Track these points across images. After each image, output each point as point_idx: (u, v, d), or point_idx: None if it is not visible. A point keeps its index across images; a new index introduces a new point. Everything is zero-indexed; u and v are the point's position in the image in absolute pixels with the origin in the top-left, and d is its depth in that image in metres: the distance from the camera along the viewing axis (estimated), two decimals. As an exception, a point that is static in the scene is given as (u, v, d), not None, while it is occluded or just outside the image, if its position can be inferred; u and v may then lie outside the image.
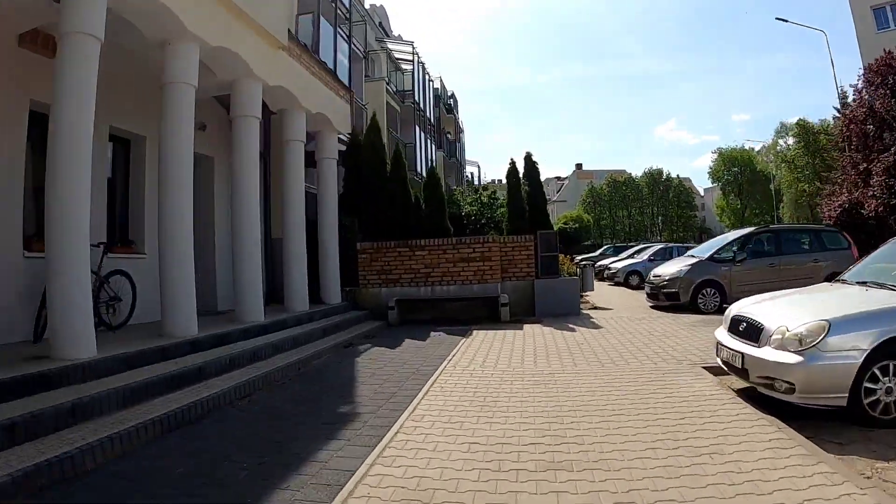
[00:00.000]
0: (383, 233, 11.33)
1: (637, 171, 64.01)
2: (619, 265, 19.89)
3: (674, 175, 61.84)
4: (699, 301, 10.79)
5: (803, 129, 39.30)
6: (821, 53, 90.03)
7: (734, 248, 11.32)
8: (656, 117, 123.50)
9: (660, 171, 61.76)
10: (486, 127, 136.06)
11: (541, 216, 12.31)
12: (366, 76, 21.23)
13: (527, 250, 10.90)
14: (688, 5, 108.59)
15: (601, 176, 63.16)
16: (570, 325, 9.04)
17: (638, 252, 21.67)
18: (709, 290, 10.82)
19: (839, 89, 32.25)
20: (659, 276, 11.65)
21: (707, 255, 11.42)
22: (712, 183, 60.37)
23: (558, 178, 72.68)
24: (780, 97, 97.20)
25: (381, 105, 20.39)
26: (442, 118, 33.72)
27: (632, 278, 18.91)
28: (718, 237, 14.26)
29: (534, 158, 12.81)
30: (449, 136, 35.47)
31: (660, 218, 60.68)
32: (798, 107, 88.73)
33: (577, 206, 55.96)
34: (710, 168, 58.86)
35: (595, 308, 11.73)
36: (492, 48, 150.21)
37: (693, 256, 11.97)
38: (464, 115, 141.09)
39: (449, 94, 37.52)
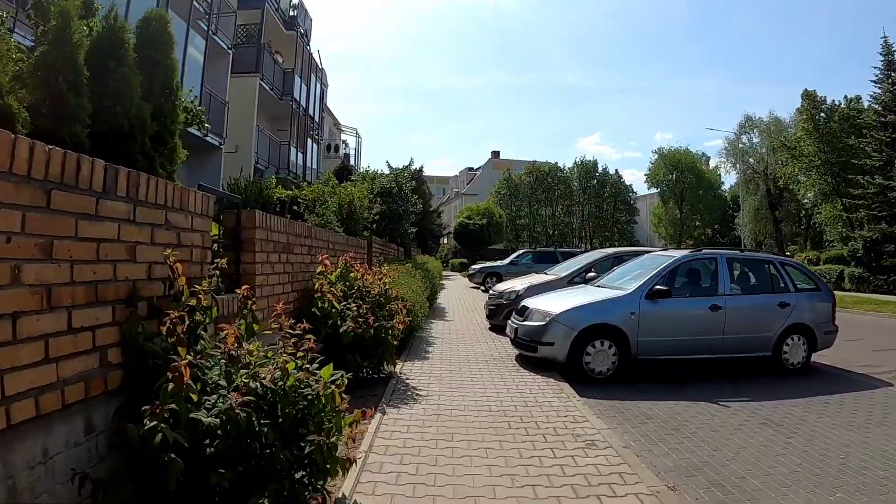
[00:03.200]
0: None
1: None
2: (557, 306, 6.83)
3: (611, 171, 49.76)
4: None
5: (812, 104, 28.27)
6: (739, 79, 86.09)
7: None
8: (581, 130, 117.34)
9: (594, 163, 48.29)
10: (406, 126, 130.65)
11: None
12: None
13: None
14: (619, 25, 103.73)
15: (522, 167, 49.41)
16: None
17: (604, 264, 8.69)
18: None
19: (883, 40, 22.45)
20: None
21: None
22: (649, 188, 50.11)
23: (470, 169, 60.23)
24: (703, 119, 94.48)
25: None
26: (269, 30, 20.03)
27: (594, 357, 5.98)
28: None
29: None
30: (279, 58, 21.81)
31: (591, 221, 47.64)
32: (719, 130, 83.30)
33: (489, 199, 43.31)
34: (649, 170, 48.62)
35: None
36: (420, 50, 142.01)
37: None
38: (387, 111, 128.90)
39: (293, 1, 23.85)
